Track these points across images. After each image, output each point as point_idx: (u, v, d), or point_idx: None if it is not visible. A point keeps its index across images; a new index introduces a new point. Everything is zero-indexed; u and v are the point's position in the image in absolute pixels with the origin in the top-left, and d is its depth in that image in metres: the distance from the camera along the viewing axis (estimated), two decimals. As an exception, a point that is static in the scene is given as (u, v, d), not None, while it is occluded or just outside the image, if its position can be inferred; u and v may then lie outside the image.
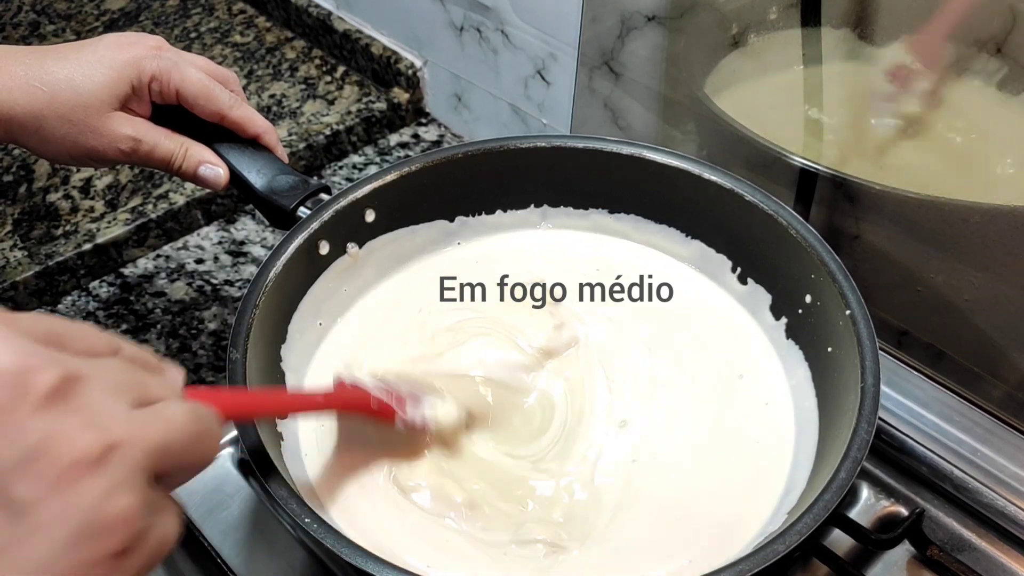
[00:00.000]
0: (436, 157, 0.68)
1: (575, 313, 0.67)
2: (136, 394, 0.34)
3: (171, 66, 0.64)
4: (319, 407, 0.55)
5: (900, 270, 0.66)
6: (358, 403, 0.54)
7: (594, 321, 0.66)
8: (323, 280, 0.65)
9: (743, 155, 0.71)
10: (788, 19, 0.74)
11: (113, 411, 0.32)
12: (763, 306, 0.65)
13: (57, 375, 0.31)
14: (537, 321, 0.66)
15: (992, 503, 0.60)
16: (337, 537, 0.46)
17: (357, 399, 0.54)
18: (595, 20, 0.78)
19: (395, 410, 0.54)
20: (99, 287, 0.86)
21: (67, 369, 0.31)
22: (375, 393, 0.54)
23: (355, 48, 1.07)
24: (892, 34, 0.70)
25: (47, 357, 0.31)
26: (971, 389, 0.64)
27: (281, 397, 0.54)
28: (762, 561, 0.45)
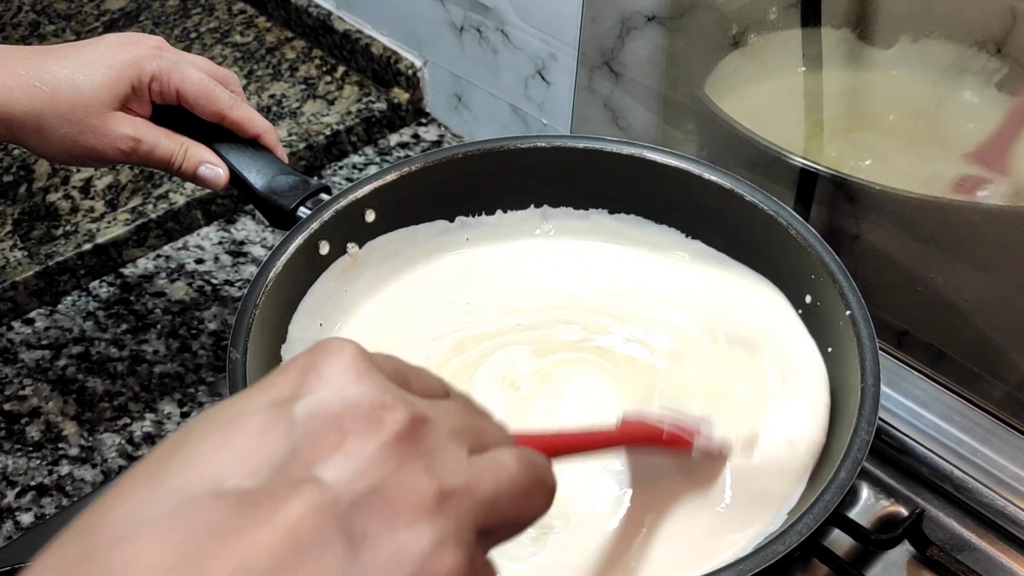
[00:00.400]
0: (436, 157, 0.68)
1: (575, 314, 0.67)
2: (473, 440, 0.32)
3: (171, 66, 0.64)
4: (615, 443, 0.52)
5: (900, 270, 0.66)
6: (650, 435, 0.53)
7: (594, 322, 0.66)
8: (323, 280, 0.65)
9: (743, 155, 0.71)
10: (788, 19, 0.74)
11: (453, 456, 0.31)
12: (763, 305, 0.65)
13: (408, 415, 0.30)
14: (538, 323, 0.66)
15: (992, 503, 0.60)
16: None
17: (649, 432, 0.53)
18: (595, 20, 0.78)
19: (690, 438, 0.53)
20: (99, 287, 0.86)
21: (417, 411, 0.31)
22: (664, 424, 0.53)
23: (355, 48, 1.07)
24: (892, 34, 0.70)
25: (399, 396, 0.31)
26: (971, 389, 0.64)
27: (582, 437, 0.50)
28: (762, 561, 0.45)
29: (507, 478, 0.32)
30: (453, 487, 0.30)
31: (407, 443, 0.30)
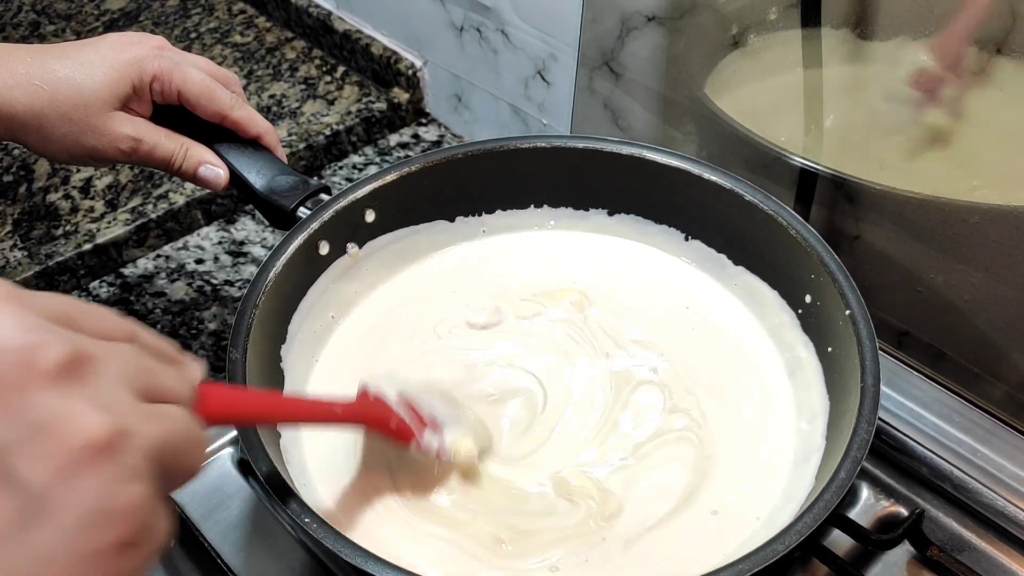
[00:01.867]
0: (436, 157, 0.68)
1: (576, 316, 0.67)
2: (146, 385, 0.33)
3: (173, 66, 0.64)
4: (336, 419, 0.52)
5: (900, 270, 0.66)
6: (377, 420, 0.52)
7: (594, 323, 0.66)
8: (323, 280, 0.65)
9: (743, 155, 0.71)
10: (788, 19, 0.74)
11: (122, 398, 0.31)
12: (763, 306, 0.65)
13: (65, 352, 0.30)
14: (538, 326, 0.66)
15: (992, 503, 0.60)
16: (337, 537, 0.46)
17: (377, 416, 0.52)
18: (595, 20, 0.78)
19: (413, 434, 0.52)
20: (99, 287, 0.86)
21: (77, 347, 0.30)
22: (397, 411, 0.52)
23: (355, 48, 1.07)
24: (892, 34, 0.70)
25: (57, 334, 0.30)
26: (971, 389, 0.64)
27: (297, 403, 0.52)
28: (762, 561, 0.45)
29: (179, 428, 0.33)
30: (129, 425, 0.30)
31: (69, 380, 0.30)
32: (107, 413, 0.30)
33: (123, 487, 0.30)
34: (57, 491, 0.28)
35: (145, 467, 0.31)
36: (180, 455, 0.33)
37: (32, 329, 0.30)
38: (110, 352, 0.32)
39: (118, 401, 0.31)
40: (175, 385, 0.35)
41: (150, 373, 0.34)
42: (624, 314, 0.67)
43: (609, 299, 0.68)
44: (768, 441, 0.59)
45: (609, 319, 0.66)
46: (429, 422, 0.54)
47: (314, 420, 0.52)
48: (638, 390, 0.62)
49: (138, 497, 0.30)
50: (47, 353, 0.30)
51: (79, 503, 0.29)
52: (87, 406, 0.30)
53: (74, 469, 0.29)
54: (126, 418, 0.30)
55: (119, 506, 0.29)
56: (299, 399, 0.52)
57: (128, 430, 0.30)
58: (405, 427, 0.52)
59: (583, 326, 0.66)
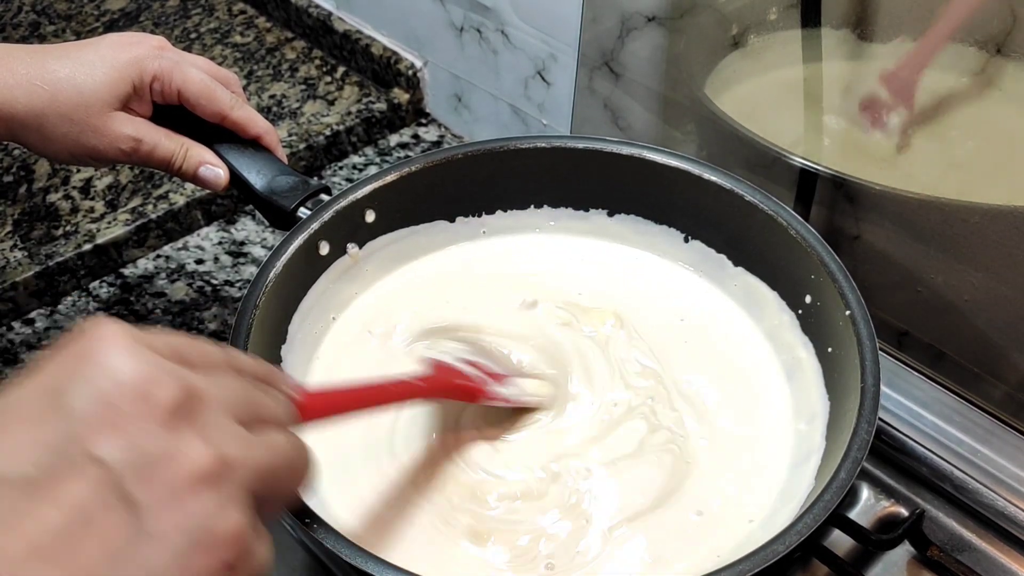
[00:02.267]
0: (436, 157, 0.68)
1: (576, 317, 0.67)
2: (249, 415, 0.35)
3: (173, 66, 0.64)
4: (423, 394, 0.54)
5: (900, 270, 0.66)
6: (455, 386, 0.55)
7: (593, 322, 0.66)
8: (323, 280, 0.65)
9: (743, 155, 0.71)
10: (788, 19, 0.74)
11: (228, 431, 0.34)
12: (763, 305, 0.65)
13: (180, 390, 0.32)
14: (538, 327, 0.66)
15: (992, 503, 0.60)
16: (337, 537, 0.46)
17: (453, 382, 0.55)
18: (595, 20, 0.78)
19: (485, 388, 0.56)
20: (99, 287, 0.86)
21: (189, 385, 0.33)
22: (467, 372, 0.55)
23: (355, 48, 1.07)
24: (892, 34, 0.70)
25: (171, 371, 0.33)
26: (971, 389, 0.64)
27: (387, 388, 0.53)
28: (762, 561, 0.45)
29: (280, 455, 0.36)
30: (231, 457, 0.33)
31: (181, 416, 0.32)
32: (213, 446, 0.32)
33: (226, 513, 0.32)
34: (166, 514, 0.31)
35: (246, 495, 0.33)
36: (281, 480, 0.36)
37: (151, 366, 0.32)
38: (215, 386, 0.35)
39: (223, 434, 0.33)
40: (274, 407, 0.38)
41: (251, 401, 0.36)
42: (623, 315, 0.67)
43: (609, 299, 0.68)
44: (762, 443, 0.59)
45: (608, 320, 0.66)
46: (494, 375, 0.57)
47: (402, 399, 0.54)
48: (630, 390, 0.62)
49: (240, 523, 0.32)
50: (162, 391, 0.32)
51: (186, 526, 0.31)
52: (196, 439, 0.32)
53: (182, 495, 0.31)
54: (230, 450, 0.33)
55: (222, 531, 0.32)
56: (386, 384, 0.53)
57: (231, 461, 0.33)
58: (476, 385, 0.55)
59: (583, 327, 0.66)
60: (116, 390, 0.31)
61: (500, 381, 0.57)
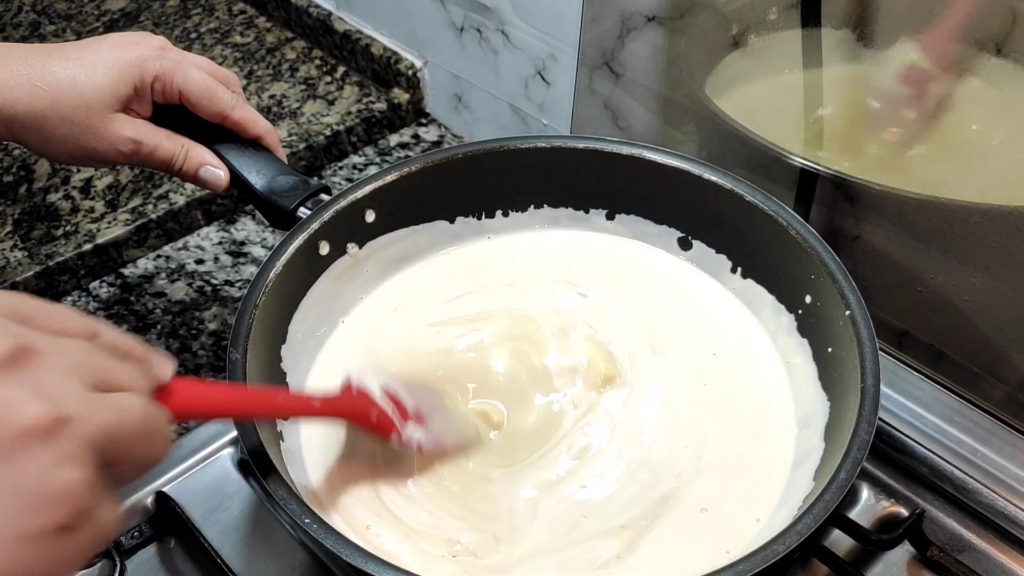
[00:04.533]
0: (436, 157, 0.68)
1: (576, 318, 0.67)
2: (96, 378, 0.34)
3: (174, 66, 0.64)
4: (314, 413, 0.52)
5: (900, 270, 0.66)
6: (358, 413, 0.52)
7: (594, 323, 0.66)
8: (323, 280, 0.65)
9: (743, 155, 0.71)
10: (788, 19, 0.74)
11: (67, 388, 0.32)
12: (763, 306, 0.65)
13: (9, 345, 0.31)
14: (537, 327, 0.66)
15: (992, 503, 0.60)
16: (337, 537, 0.46)
17: (357, 409, 0.52)
18: (595, 20, 0.78)
19: (394, 427, 0.52)
20: (99, 287, 0.86)
21: (22, 341, 0.32)
22: (378, 404, 0.52)
23: (355, 48, 1.07)
24: (892, 35, 0.70)
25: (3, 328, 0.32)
26: (971, 389, 0.64)
27: (274, 397, 0.52)
28: (762, 561, 0.45)
29: (127, 418, 0.34)
30: (68, 412, 0.31)
31: (11, 370, 0.31)
32: (47, 401, 0.31)
33: (60, 471, 0.30)
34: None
35: (86, 454, 0.31)
36: (131, 443, 0.34)
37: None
38: (59, 346, 0.33)
39: (62, 390, 0.32)
40: (130, 379, 0.36)
41: (102, 367, 0.35)
42: (623, 314, 0.67)
43: (609, 300, 0.68)
44: (766, 443, 0.59)
45: (608, 321, 0.66)
46: (412, 415, 0.54)
47: (290, 414, 0.52)
48: (634, 391, 0.62)
49: (75, 482, 0.31)
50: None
51: (14, 485, 0.29)
52: (26, 393, 0.31)
53: (11, 453, 0.30)
54: (68, 405, 0.31)
55: (55, 490, 0.30)
56: (276, 393, 0.52)
57: (68, 417, 0.31)
58: (386, 420, 0.52)
59: (583, 327, 0.66)
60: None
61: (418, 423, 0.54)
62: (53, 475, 0.30)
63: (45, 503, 0.30)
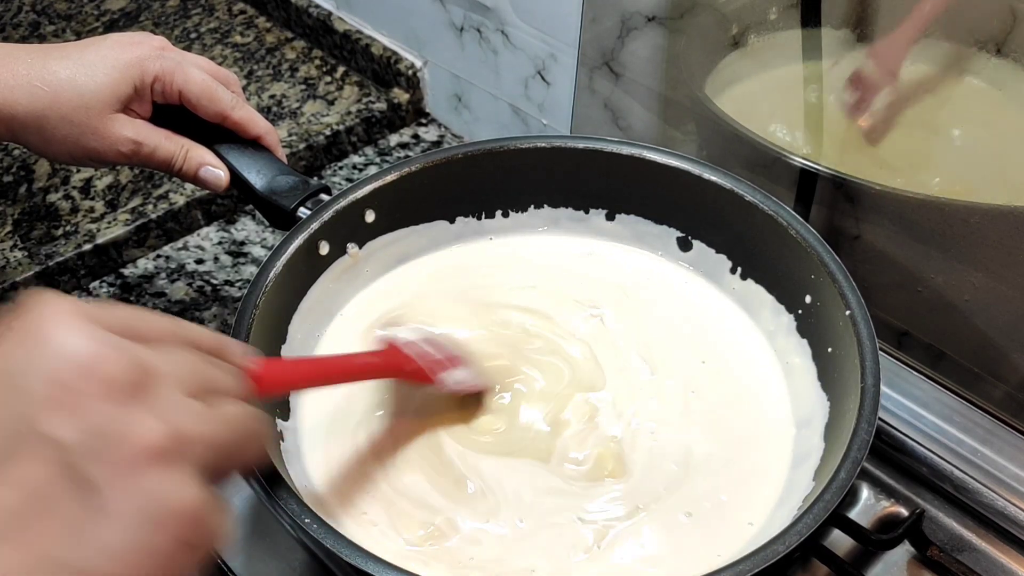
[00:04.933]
0: (436, 157, 0.68)
1: (576, 317, 0.67)
2: (201, 386, 0.35)
3: (175, 67, 0.64)
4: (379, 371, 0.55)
5: (900, 270, 0.66)
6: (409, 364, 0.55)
7: (593, 324, 0.66)
8: (323, 280, 0.65)
9: (743, 155, 0.71)
10: (788, 19, 0.74)
11: (183, 407, 0.34)
12: (763, 306, 0.65)
13: (131, 366, 0.32)
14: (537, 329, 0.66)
15: (992, 504, 0.60)
16: (337, 537, 0.46)
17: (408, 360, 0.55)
18: (595, 20, 0.78)
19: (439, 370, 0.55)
20: (99, 287, 0.86)
21: (140, 361, 0.33)
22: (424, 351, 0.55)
23: (355, 48, 1.07)
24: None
25: (121, 347, 0.33)
26: (971, 389, 0.64)
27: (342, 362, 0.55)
28: (762, 561, 0.45)
29: (234, 427, 0.36)
30: (185, 432, 0.33)
31: (132, 392, 0.32)
32: (166, 422, 0.32)
33: (182, 489, 0.32)
34: (121, 492, 0.31)
35: (201, 469, 0.33)
36: (236, 452, 0.36)
37: (97, 342, 0.32)
38: (167, 361, 0.35)
39: (176, 408, 0.33)
40: (227, 380, 0.38)
41: (203, 375, 0.36)
42: (623, 315, 0.67)
43: (608, 299, 0.68)
44: (762, 443, 0.59)
45: (607, 321, 0.66)
46: (448, 359, 0.57)
47: (360, 376, 0.55)
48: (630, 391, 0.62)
49: (196, 499, 0.32)
50: (112, 368, 0.32)
51: (141, 504, 0.31)
52: (148, 415, 0.32)
53: (136, 472, 0.31)
54: (184, 425, 0.33)
55: (178, 507, 0.32)
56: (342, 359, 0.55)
57: (185, 436, 0.33)
58: (434, 364, 0.55)
59: (582, 329, 0.66)
60: (67, 369, 0.31)
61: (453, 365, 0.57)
62: (176, 493, 0.32)
63: (169, 520, 0.31)
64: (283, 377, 0.47)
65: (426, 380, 0.56)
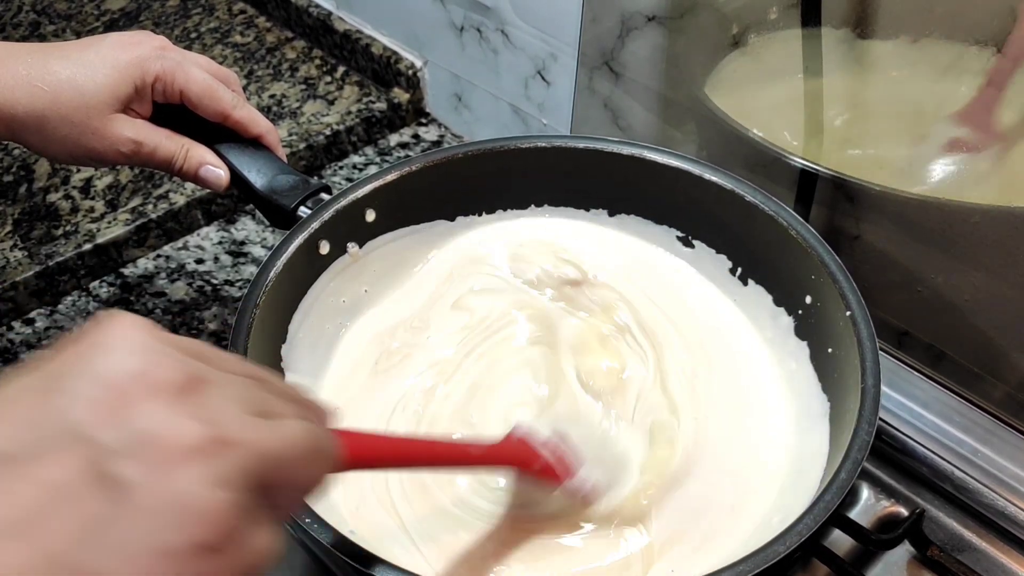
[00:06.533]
0: (436, 157, 0.68)
1: (573, 319, 0.67)
2: (259, 408, 0.34)
3: (175, 66, 0.63)
4: (476, 463, 0.49)
5: (900, 270, 0.66)
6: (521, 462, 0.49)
7: (592, 321, 0.66)
8: (323, 280, 0.65)
9: (743, 155, 0.71)
10: (788, 19, 0.74)
11: (230, 414, 0.32)
12: (763, 307, 0.65)
13: (182, 373, 0.31)
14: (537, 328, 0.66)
15: (992, 503, 0.60)
16: (337, 537, 0.46)
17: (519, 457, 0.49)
18: (595, 20, 0.78)
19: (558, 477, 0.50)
20: (99, 287, 0.86)
21: (194, 371, 0.32)
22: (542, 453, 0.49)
23: (355, 48, 1.07)
24: (892, 34, 0.70)
25: (178, 358, 0.32)
26: (971, 389, 0.64)
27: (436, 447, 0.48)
28: (762, 562, 0.45)
29: (290, 441, 0.33)
30: (229, 435, 0.31)
31: (179, 396, 0.31)
32: (209, 424, 0.31)
33: (210, 490, 0.30)
34: (144, 488, 0.29)
35: (242, 477, 0.31)
36: (296, 469, 0.34)
37: (156, 352, 0.32)
38: (227, 380, 0.33)
39: (224, 415, 0.32)
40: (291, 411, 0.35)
41: (266, 400, 0.34)
42: (623, 316, 0.67)
43: (607, 298, 0.68)
44: (763, 444, 0.59)
45: (608, 322, 0.66)
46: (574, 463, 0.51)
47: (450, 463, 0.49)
48: (628, 391, 0.62)
49: (224, 502, 0.30)
50: (163, 373, 0.31)
51: (163, 501, 0.29)
52: (190, 418, 0.31)
53: (165, 469, 0.30)
54: (228, 429, 0.31)
55: (202, 507, 0.30)
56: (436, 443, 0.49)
57: (228, 439, 0.31)
58: (550, 470, 0.50)
59: (581, 329, 0.66)
60: (118, 373, 0.31)
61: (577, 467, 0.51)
62: (202, 493, 0.30)
63: (189, 519, 0.30)
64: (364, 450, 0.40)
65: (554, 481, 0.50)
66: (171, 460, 0.30)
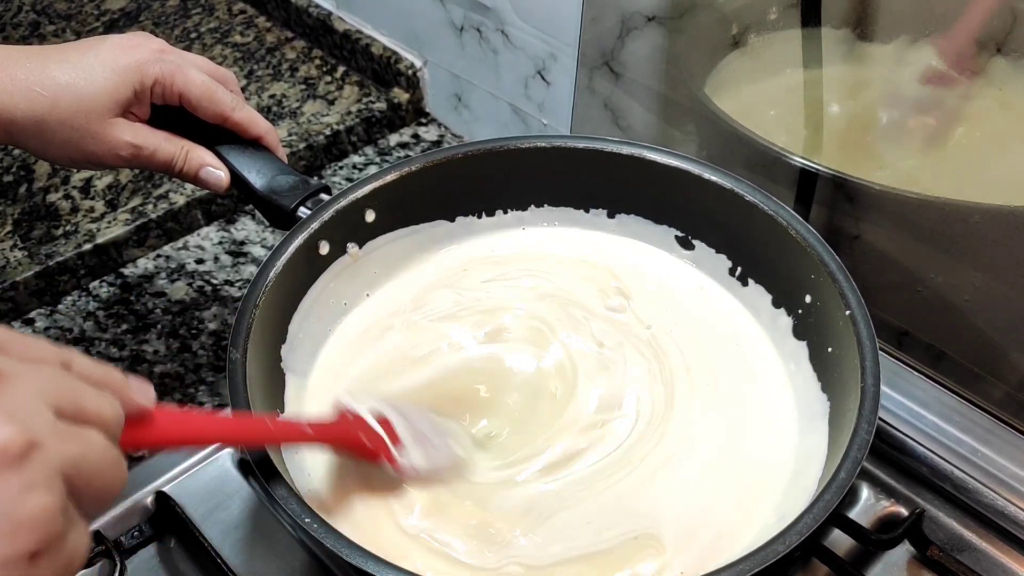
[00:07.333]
0: (436, 157, 0.68)
1: (575, 316, 0.67)
2: (67, 404, 0.33)
3: (175, 69, 0.63)
4: (304, 439, 0.52)
5: (900, 270, 0.66)
6: (348, 439, 0.52)
7: (593, 322, 0.66)
8: (323, 280, 0.65)
9: (743, 155, 0.71)
10: (788, 19, 0.74)
11: (36, 412, 0.31)
12: (763, 306, 0.65)
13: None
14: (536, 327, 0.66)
15: (992, 503, 0.60)
16: (337, 537, 0.46)
17: (348, 435, 0.52)
18: (595, 20, 0.78)
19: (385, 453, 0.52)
20: (99, 287, 0.86)
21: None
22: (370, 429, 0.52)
23: (355, 48, 1.07)
24: (892, 34, 0.70)
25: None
26: (971, 389, 0.64)
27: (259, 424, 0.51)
28: (762, 561, 0.45)
29: (93, 453, 0.33)
30: (38, 438, 0.30)
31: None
32: (18, 424, 0.30)
33: (31, 497, 0.30)
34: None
35: (55, 481, 0.31)
36: (93, 478, 0.33)
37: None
38: (30, 371, 0.33)
39: (32, 415, 0.31)
40: (100, 406, 0.35)
41: (73, 393, 0.34)
42: (623, 316, 0.67)
43: (607, 301, 0.68)
44: (763, 444, 0.59)
45: (607, 322, 0.66)
46: (403, 440, 0.53)
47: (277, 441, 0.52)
48: (630, 392, 0.62)
49: (47, 508, 0.30)
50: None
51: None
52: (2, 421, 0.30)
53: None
54: (38, 432, 0.31)
55: (27, 515, 0.29)
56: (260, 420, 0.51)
57: (39, 442, 0.30)
58: (379, 445, 0.52)
59: (582, 329, 0.66)
60: None
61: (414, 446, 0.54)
62: (25, 500, 0.29)
63: (17, 529, 0.29)
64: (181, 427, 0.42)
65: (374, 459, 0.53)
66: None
